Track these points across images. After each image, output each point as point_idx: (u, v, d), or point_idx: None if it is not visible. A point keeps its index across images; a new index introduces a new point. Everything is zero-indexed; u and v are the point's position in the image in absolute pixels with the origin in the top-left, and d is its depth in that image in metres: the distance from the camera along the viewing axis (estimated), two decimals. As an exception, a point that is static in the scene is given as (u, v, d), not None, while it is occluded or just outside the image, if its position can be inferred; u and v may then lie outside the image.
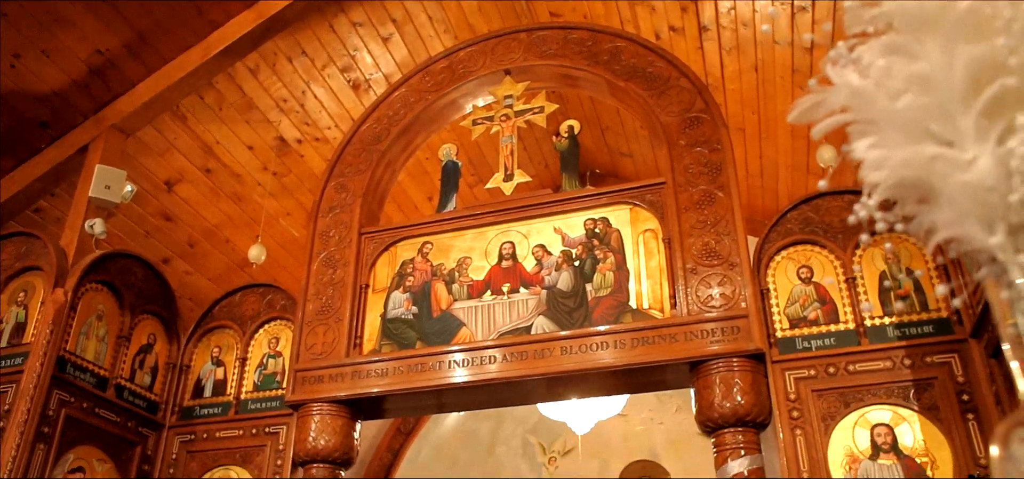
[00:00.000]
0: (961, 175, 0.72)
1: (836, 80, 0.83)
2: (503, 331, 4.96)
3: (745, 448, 4.41)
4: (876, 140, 0.80)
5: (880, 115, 0.78)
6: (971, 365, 4.33)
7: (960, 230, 0.73)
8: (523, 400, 5.45)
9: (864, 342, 4.57)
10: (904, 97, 0.76)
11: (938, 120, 0.75)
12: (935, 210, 0.75)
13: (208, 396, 5.74)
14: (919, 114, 0.75)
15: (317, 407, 5.09)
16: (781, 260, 4.93)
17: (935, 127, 0.75)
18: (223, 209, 6.39)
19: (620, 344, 4.69)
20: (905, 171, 0.76)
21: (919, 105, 0.75)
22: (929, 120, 0.75)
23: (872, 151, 0.79)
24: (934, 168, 0.74)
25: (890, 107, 0.77)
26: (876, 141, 0.79)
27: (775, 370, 4.60)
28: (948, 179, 0.73)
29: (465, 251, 5.32)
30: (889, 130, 0.78)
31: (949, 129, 0.74)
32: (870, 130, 0.81)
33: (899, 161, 0.77)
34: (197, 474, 5.51)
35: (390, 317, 5.25)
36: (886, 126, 0.78)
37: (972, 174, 0.71)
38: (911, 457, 4.33)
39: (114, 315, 5.42)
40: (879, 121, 0.79)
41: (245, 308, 5.89)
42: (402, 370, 4.99)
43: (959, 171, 0.73)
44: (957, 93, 0.72)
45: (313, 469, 5.06)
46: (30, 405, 4.68)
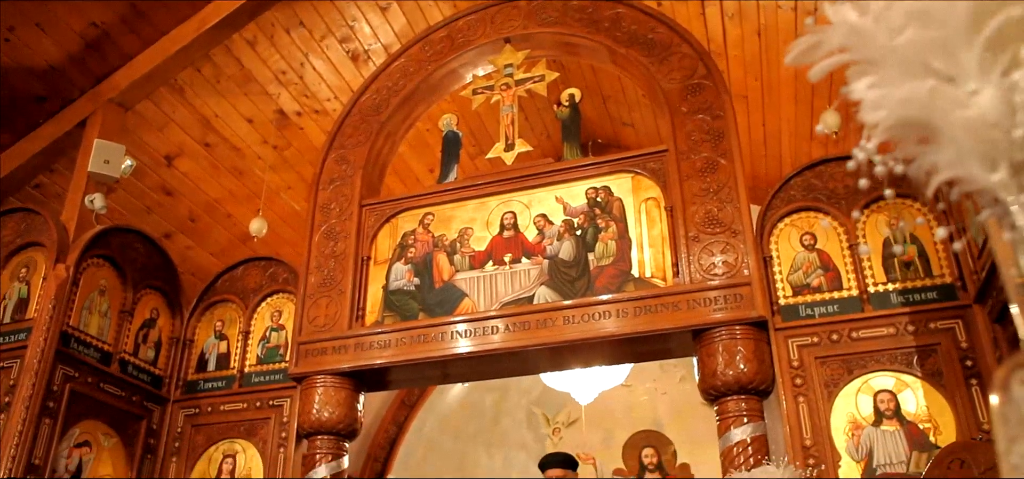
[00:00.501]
0: (963, 111, 0.69)
1: (834, 18, 0.79)
2: (505, 301, 4.95)
3: (748, 415, 4.42)
4: (875, 79, 0.77)
5: (879, 53, 0.75)
6: (975, 331, 4.31)
7: (961, 170, 0.70)
8: (526, 370, 5.46)
9: (867, 309, 4.56)
10: (904, 33, 0.73)
11: (939, 56, 0.72)
12: (936, 150, 0.72)
13: (212, 370, 5.76)
14: (920, 50, 0.72)
15: (320, 379, 5.11)
16: (784, 227, 4.90)
17: (936, 63, 0.72)
18: (223, 183, 6.37)
19: (622, 313, 4.68)
20: (905, 110, 0.73)
21: (920, 40, 0.72)
22: (930, 56, 0.72)
23: (871, 91, 0.76)
24: (935, 105, 0.71)
25: (890, 44, 0.74)
26: (875, 80, 0.76)
27: (778, 337, 4.59)
28: (949, 116, 0.70)
29: (466, 222, 5.30)
30: (888, 68, 0.75)
31: (951, 65, 0.71)
32: (869, 69, 0.77)
33: (898, 99, 0.74)
34: (202, 447, 5.55)
35: (392, 289, 5.25)
36: (885, 64, 0.75)
37: (974, 110, 0.69)
38: (914, 423, 4.32)
39: (116, 290, 5.42)
40: (878, 59, 0.76)
41: (247, 281, 5.89)
42: (405, 342, 4.99)
43: (961, 107, 0.70)
44: (959, 27, 0.69)
45: (317, 441, 5.09)
46: (35, 380, 4.69)
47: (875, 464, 4.28)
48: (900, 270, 4.60)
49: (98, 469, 5.18)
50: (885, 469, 4.25)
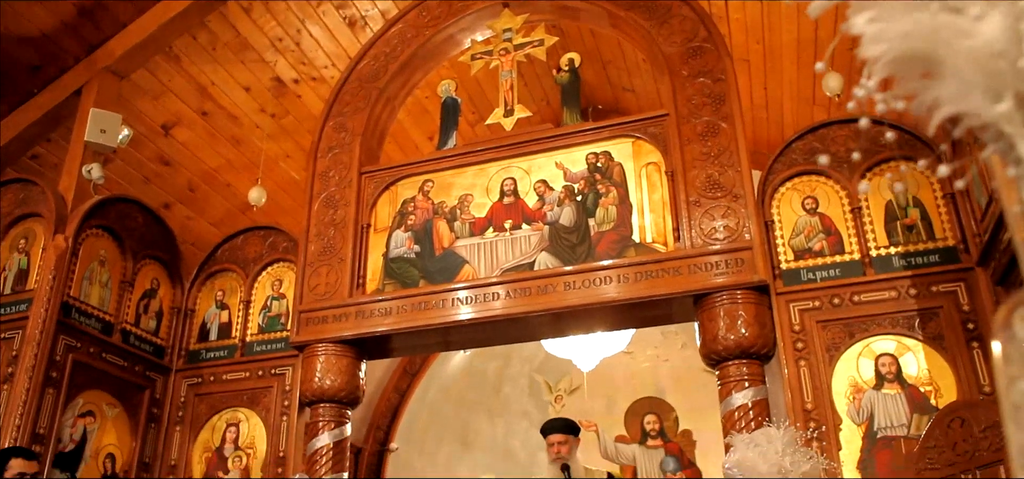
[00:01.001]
0: (967, 41, 0.66)
1: (834, -49, 0.76)
2: (506, 268, 4.94)
3: (749, 380, 4.42)
4: (876, 13, 0.73)
5: (880, -17, 0.72)
6: (977, 294, 4.30)
7: (965, 103, 0.67)
8: (527, 336, 5.47)
9: (869, 272, 4.54)
10: (906, -40, 0.70)
11: (943, -17, 0.68)
12: (938, 84, 0.69)
13: (214, 339, 5.77)
14: (922, -22, 0.69)
15: (322, 347, 5.12)
16: (786, 191, 4.87)
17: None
18: (222, 152, 6.33)
19: (623, 278, 4.66)
20: (906, 42, 0.70)
21: (922, -32, 0.68)
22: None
23: (871, 24, 0.73)
24: (938, 36, 0.68)
25: (891, -27, 0.70)
26: (876, 14, 0.73)
27: (779, 302, 4.58)
28: (953, 46, 0.67)
29: (466, 188, 5.27)
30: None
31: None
32: (870, 3, 0.74)
33: (900, 32, 0.70)
34: (206, 416, 5.58)
35: (392, 256, 5.24)
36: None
37: (979, 39, 0.66)
38: (915, 386, 4.32)
39: (116, 260, 5.42)
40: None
41: (247, 251, 5.89)
42: (406, 309, 4.99)
43: (965, 37, 0.67)
44: (964, -49, 0.65)
45: (320, 409, 5.11)
46: (37, 351, 4.71)
47: (876, 427, 4.29)
48: (902, 233, 4.58)
49: (103, 438, 5.21)
50: (886, 432, 4.25)
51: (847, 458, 4.25)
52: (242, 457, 5.37)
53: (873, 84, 0.77)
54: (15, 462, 3.75)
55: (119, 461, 5.31)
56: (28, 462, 3.83)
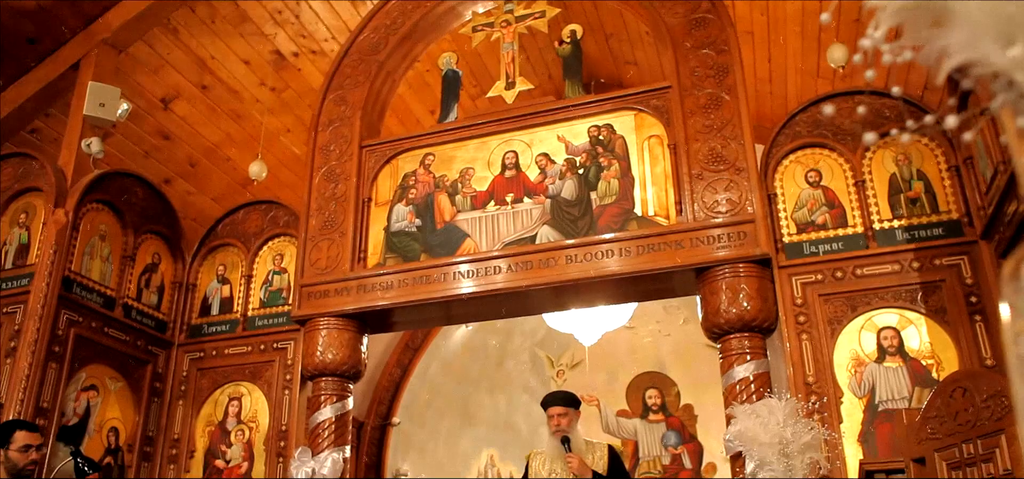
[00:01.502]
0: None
1: None
2: (508, 241, 4.93)
3: (751, 353, 4.42)
4: (884, -41, 0.71)
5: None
6: (980, 267, 4.28)
7: (974, 51, 0.65)
8: (529, 310, 5.47)
9: (872, 246, 4.52)
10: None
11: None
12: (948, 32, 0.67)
13: (215, 314, 5.78)
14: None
15: (324, 322, 5.12)
16: (789, 164, 4.84)
17: (950, -66, 0.66)
18: (222, 127, 6.30)
19: (625, 252, 4.65)
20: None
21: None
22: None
23: (879, -29, 0.70)
24: (948, -20, 0.65)
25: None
26: (884, -40, 0.71)
27: (782, 275, 4.57)
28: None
29: (467, 162, 5.24)
30: (899, -56, 0.69)
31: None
32: (878, -50, 0.71)
33: (909, -22, 0.68)
34: (208, 391, 5.60)
35: (394, 230, 5.22)
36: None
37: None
38: (917, 359, 4.32)
39: (117, 235, 5.41)
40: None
41: (248, 225, 5.88)
42: (407, 283, 4.99)
43: (976, -19, 0.64)
44: None
45: (322, 383, 5.12)
46: (39, 325, 4.71)
47: (877, 400, 4.29)
48: (906, 207, 4.55)
49: (106, 412, 5.24)
50: (887, 405, 4.26)
51: (848, 431, 4.26)
52: (245, 431, 5.40)
53: (880, 35, 0.75)
54: (20, 434, 3.77)
55: (123, 435, 5.33)
56: (32, 434, 3.85)
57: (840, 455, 4.13)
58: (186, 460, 5.45)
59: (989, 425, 2.25)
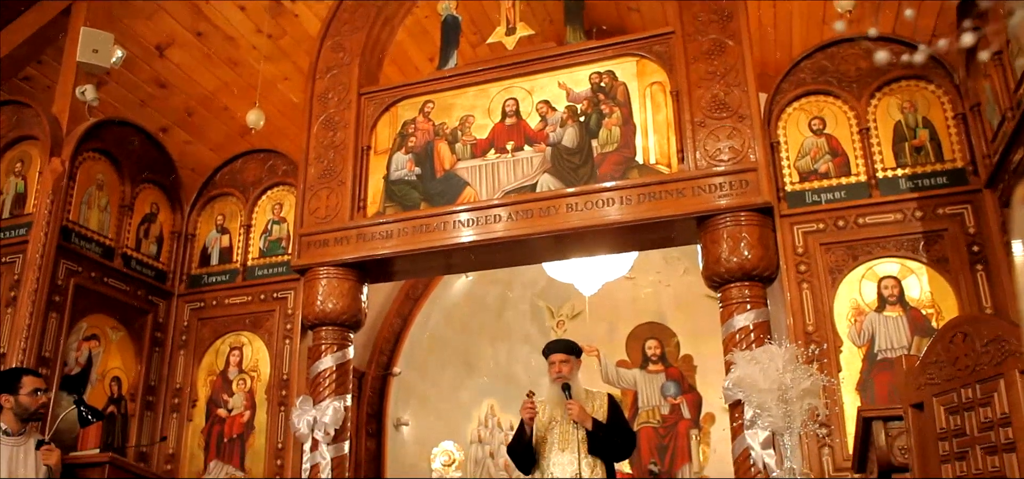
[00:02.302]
0: None
1: None
2: (508, 190, 4.90)
3: (751, 302, 4.42)
4: None
5: None
6: (983, 216, 4.26)
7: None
8: (529, 259, 5.46)
9: (875, 194, 4.49)
10: None
11: None
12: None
13: (215, 264, 5.77)
14: None
15: (323, 271, 5.12)
16: (793, 111, 4.78)
17: None
18: (218, 75, 6.21)
19: (626, 200, 4.62)
20: None
21: None
22: None
23: None
24: None
25: None
26: None
27: (783, 224, 4.55)
28: None
29: (467, 109, 5.19)
30: None
31: None
32: None
33: None
34: (209, 340, 5.62)
35: (393, 179, 5.19)
36: None
37: None
38: (917, 309, 4.33)
39: (114, 184, 5.37)
40: None
41: (247, 175, 5.84)
42: (407, 232, 4.97)
43: None
44: None
45: (322, 332, 5.14)
46: (38, 275, 4.71)
47: (876, 349, 4.31)
48: (910, 155, 4.51)
49: (108, 362, 5.26)
50: (886, 354, 4.28)
51: (847, 380, 4.29)
52: (246, 380, 5.44)
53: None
54: (27, 379, 3.80)
55: (125, 384, 5.36)
56: (37, 378, 3.88)
57: (838, 402, 4.16)
58: (189, 409, 5.49)
59: (988, 370, 2.25)
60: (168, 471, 5.29)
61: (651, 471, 8.06)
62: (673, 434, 8.32)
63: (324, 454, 4.89)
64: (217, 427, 5.39)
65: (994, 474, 2.21)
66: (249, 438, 5.29)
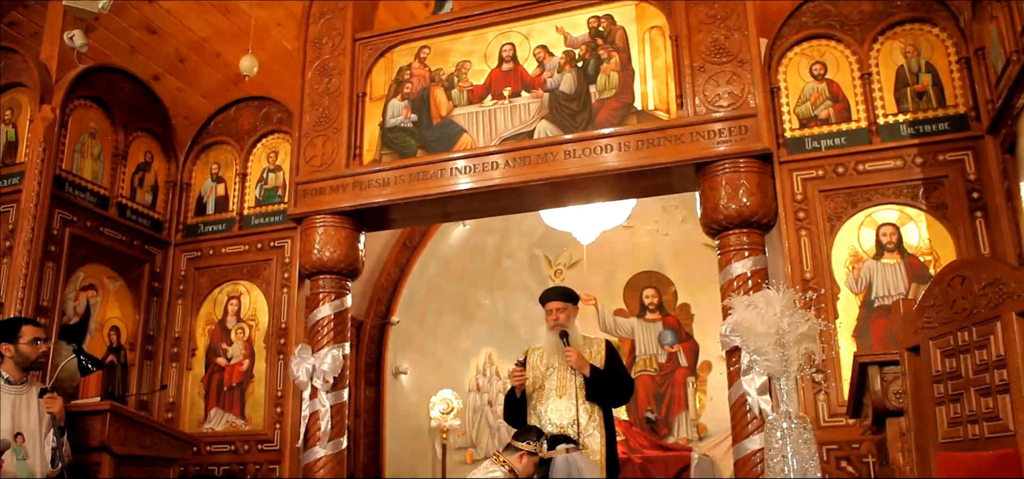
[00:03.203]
0: None
1: None
2: (505, 136, 4.86)
3: (749, 249, 4.42)
4: None
5: None
6: (984, 162, 4.23)
7: None
8: (527, 206, 5.44)
9: (876, 140, 4.46)
10: None
11: None
12: None
13: (211, 213, 5.74)
14: None
15: (320, 219, 5.10)
16: (794, 56, 4.71)
17: None
18: (210, 20, 6.09)
19: (625, 146, 4.59)
20: None
21: None
22: None
23: None
24: None
25: None
26: None
27: (782, 171, 4.52)
28: None
29: (464, 55, 5.11)
30: None
31: None
32: None
33: None
34: (207, 290, 5.62)
35: (389, 126, 5.14)
36: None
37: None
38: (915, 256, 4.33)
39: (107, 133, 5.31)
40: None
41: (241, 123, 5.78)
42: (404, 179, 4.95)
43: None
44: None
45: (320, 281, 5.14)
46: (33, 224, 4.68)
47: (873, 296, 4.32)
48: (912, 101, 4.46)
49: (106, 312, 5.27)
50: (883, 301, 4.29)
51: (844, 326, 4.31)
52: (245, 329, 5.45)
53: None
54: (26, 328, 3.78)
55: (124, 334, 5.38)
56: (36, 327, 3.87)
57: (834, 348, 4.19)
58: (188, 358, 5.52)
59: (985, 313, 2.24)
60: (169, 419, 5.34)
61: (648, 419, 8.16)
62: (670, 382, 8.40)
63: (323, 401, 4.93)
64: (217, 376, 5.42)
65: (987, 415, 2.22)
66: (249, 386, 5.33)
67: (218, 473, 5.20)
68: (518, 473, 3.74)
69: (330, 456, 4.91)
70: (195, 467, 5.19)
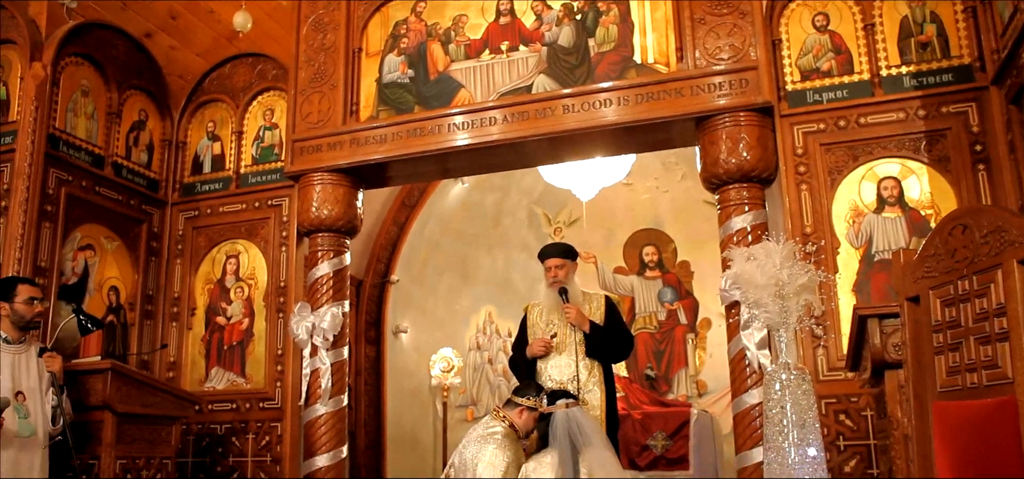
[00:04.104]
0: None
1: None
2: (503, 91, 4.80)
3: (749, 204, 4.39)
4: None
5: None
6: (988, 114, 4.18)
7: None
8: (526, 162, 5.41)
9: (878, 93, 4.40)
10: None
11: None
12: None
13: (207, 172, 5.71)
14: None
15: (318, 177, 5.07)
16: (796, 7, 4.63)
17: None
18: (202, -24, 5.99)
19: (624, 101, 4.54)
20: None
21: None
22: None
23: None
24: None
25: None
26: None
27: (783, 124, 4.48)
28: None
29: (461, 8, 5.03)
30: None
31: None
32: None
33: None
34: (205, 249, 5.61)
35: (386, 82, 5.08)
36: None
37: None
38: (916, 210, 4.31)
39: (100, 91, 5.25)
40: None
41: (236, 80, 5.72)
42: (401, 135, 4.90)
43: None
44: None
45: (318, 239, 5.13)
46: (28, 184, 4.65)
47: (873, 250, 4.31)
48: (916, 51, 4.39)
49: (104, 272, 5.26)
50: (883, 255, 4.28)
51: (843, 281, 4.30)
52: (244, 288, 5.45)
53: None
54: (22, 287, 3.78)
55: (123, 294, 5.38)
56: (33, 287, 3.86)
57: (834, 299, 4.19)
58: (188, 317, 5.53)
59: (986, 261, 2.22)
60: (170, 379, 5.36)
61: (647, 376, 8.20)
62: (670, 339, 8.43)
63: (324, 359, 4.94)
64: (217, 335, 5.44)
65: (986, 363, 2.21)
66: (249, 345, 5.34)
67: (220, 431, 5.23)
68: (518, 428, 3.76)
69: (331, 414, 4.94)
70: (197, 425, 5.23)
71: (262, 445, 5.12)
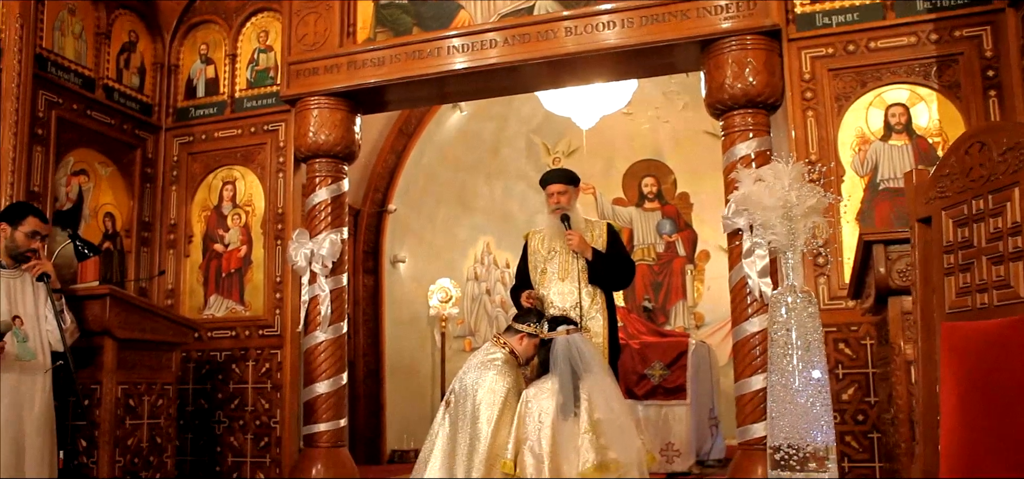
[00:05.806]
0: None
1: None
2: (503, 13, 4.68)
3: (754, 130, 4.32)
4: None
5: None
6: (1003, 38, 4.08)
7: None
8: (525, 87, 5.31)
9: (890, 16, 4.28)
10: None
11: None
12: None
13: (201, 96, 5.59)
14: None
15: (314, 101, 4.98)
16: (807, -75, 4.47)
17: None
18: None
19: (627, 23, 4.41)
20: None
21: None
22: None
23: None
24: None
25: None
26: None
27: (790, 49, 4.37)
28: None
29: (460, -75, 4.85)
30: None
31: None
32: None
33: None
34: (201, 175, 5.54)
35: (383, 1, 4.93)
36: None
37: None
38: (924, 137, 4.24)
39: (87, 9, 5.10)
40: None
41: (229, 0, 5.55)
42: (399, 58, 4.79)
43: None
44: None
45: (316, 165, 5.06)
46: (17, 105, 4.54)
47: (879, 179, 4.25)
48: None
49: (99, 198, 5.20)
50: (888, 184, 4.23)
51: (847, 210, 4.26)
52: (241, 215, 5.40)
53: None
54: (32, 219, 3.64)
55: (119, 220, 5.33)
56: (43, 223, 3.73)
57: (837, 225, 4.17)
58: (185, 244, 5.49)
59: (1004, 179, 2.16)
60: (168, 306, 5.35)
61: (645, 307, 8.21)
62: (668, 271, 8.42)
63: (322, 286, 4.92)
64: (214, 262, 5.41)
65: (998, 283, 2.17)
66: (247, 272, 5.31)
67: (220, 358, 5.25)
68: (518, 355, 3.74)
69: (331, 340, 4.94)
70: (197, 353, 5.24)
71: (262, 372, 5.14)
